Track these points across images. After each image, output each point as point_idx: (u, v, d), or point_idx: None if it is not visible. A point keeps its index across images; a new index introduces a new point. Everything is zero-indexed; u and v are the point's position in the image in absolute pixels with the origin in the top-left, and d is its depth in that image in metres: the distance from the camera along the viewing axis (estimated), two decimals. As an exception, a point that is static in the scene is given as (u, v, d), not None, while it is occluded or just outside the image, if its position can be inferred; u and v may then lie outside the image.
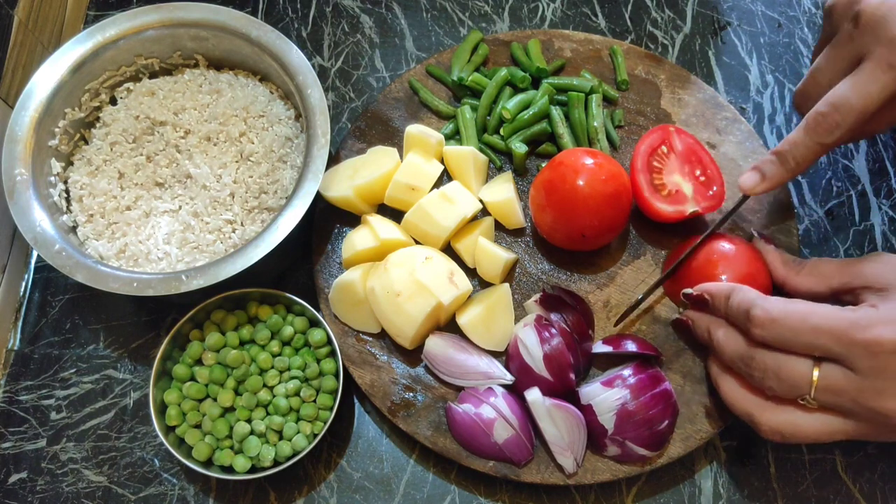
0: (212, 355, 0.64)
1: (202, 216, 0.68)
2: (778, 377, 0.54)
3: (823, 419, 0.54)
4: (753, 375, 0.56)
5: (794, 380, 0.53)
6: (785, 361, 0.54)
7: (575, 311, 0.65)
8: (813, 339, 0.52)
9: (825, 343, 0.52)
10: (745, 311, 0.55)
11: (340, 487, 0.65)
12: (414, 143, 0.71)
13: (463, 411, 0.62)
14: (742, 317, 0.56)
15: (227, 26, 0.71)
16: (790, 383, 0.54)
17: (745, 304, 0.56)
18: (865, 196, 0.76)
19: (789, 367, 0.53)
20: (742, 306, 0.56)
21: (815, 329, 0.52)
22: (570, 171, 0.64)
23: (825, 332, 0.52)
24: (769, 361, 0.54)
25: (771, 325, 0.54)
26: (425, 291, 0.62)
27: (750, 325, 0.55)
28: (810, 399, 0.53)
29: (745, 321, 0.56)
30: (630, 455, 0.61)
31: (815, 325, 0.52)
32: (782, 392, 0.54)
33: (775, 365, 0.54)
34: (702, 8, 0.86)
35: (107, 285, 0.61)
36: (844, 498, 0.64)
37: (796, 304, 0.54)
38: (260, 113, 0.72)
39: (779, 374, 0.54)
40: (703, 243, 0.66)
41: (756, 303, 0.55)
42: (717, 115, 0.76)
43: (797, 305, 0.54)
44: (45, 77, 0.68)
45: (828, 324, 0.52)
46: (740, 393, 0.58)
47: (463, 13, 0.86)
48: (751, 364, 0.55)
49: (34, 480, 0.66)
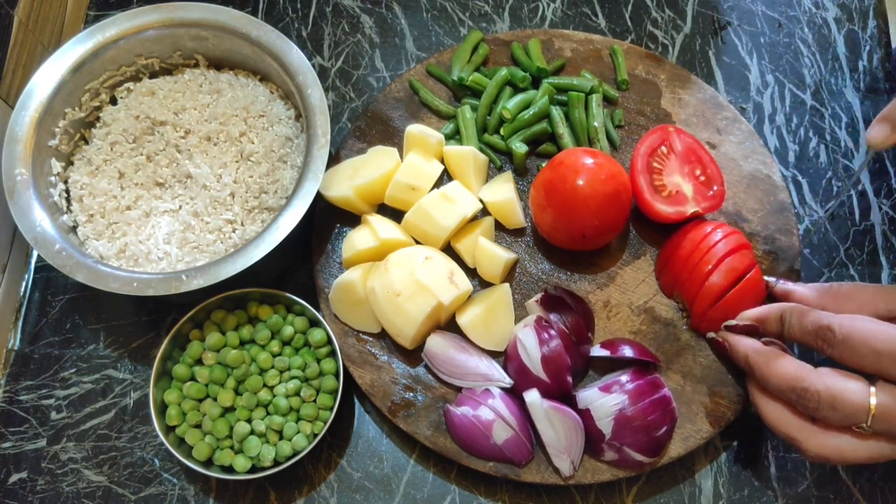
0: (212, 355, 0.64)
1: (202, 216, 0.68)
2: (834, 407, 0.53)
3: (871, 444, 0.53)
4: (807, 406, 0.54)
5: (851, 410, 0.52)
6: (841, 391, 0.52)
7: (575, 313, 0.65)
8: (878, 361, 0.52)
9: (887, 366, 0.51)
10: (815, 331, 0.55)
11: (340, 487, 0.65)
12: (414, 142, 0.71)
13: (461, 413, 0.62)
14: (811, 336, 0.55)
15: (227, 26, 0.71)
16: (847, 413, 0.52)
17: (812, 323, 0.55)
18: (865, 196, 0.76)
19: (846, 396, 0.52)
20: (809, 326, 0.55)
21: (880, 353, 0.51)
22: (571, 170, 0.64)
23: (889, 356, 0.51)
24: (823, 392, 0.53)
25: (842, 345, 0.53)
26: (425, 291, 0.62)
27: (824, 344, 0.54)
28: (866, 427, 0.52)
29: (815, 340, 0.55)
30: (627, 461, 0.61)
31: (882, 350, 0.51)
32: (837, 421, 0.53)
33: (830, 396, 0.52)
34: (702, 8, 0.86)
35: (107, 285, 0.61)
36: (844, 498, 0.64)
37: (863, 323, 0.53)
38: (260, 113, 0.72)
39: (834, 404, 0.52)
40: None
41: (824, 322, 0.54)
42: (718, 115, 0.76)
43: (864, 324, 0.53)
44: (45, 77, 0.68)
45: (892, 346, 0.51)
46: (785, 417, 0.56)
47: (463, 13, 0.86)
48: (804, 395, 0.54)
49: (34, 480, 0.66)
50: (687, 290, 0.65)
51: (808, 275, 0.73)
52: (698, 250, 0.65)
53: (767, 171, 0.73)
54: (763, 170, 0.73)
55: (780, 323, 0.58)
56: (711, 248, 0.64)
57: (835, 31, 0.85)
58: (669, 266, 0.67)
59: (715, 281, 0.63)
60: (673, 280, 0.67)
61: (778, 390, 0.56)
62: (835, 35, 0.85)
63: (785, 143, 0.79)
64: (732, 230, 0.66)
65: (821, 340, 0.54)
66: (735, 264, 0.63)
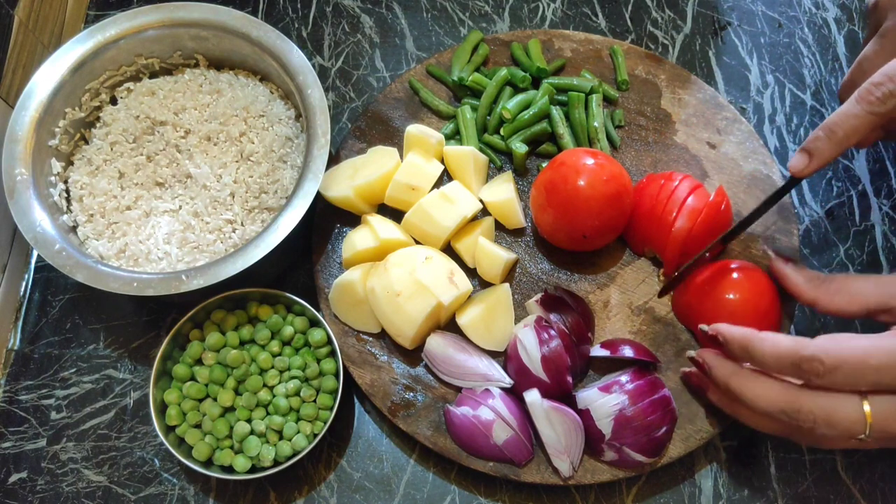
0: (212, 355, 0.64)
1: (202, 216, 0.68)
2: (830, 425, 0.51)
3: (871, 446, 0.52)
4: (802, 428, 0.52)
5: (847, 425, 0.51)
6: (834, 409, 0.51)
7: (575, 313, 0.65)
8: (878, 379, 0.50)
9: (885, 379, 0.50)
10: (797, 364, 0.51)
11: (340, 487, 0.65)
12: (414, 143, 0.71)
13: (461, 414, 0.62)
14: (791, 369, 0.52)
15: (227, 26, 0.71)
16: (844, 429, 0.51)
17: (789, 356, 0.52)
18: (865, 196, 0.76)
19: (841, 414, 0.51)
20: (787, 359, 0.52)
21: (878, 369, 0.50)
22: (572, 171, 0.64)
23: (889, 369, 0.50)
24: (818, 413, 0.51)
25: (834, 373, 0.50)
26: (425, 291, 0.62)
27: (811, 376, 0.51)
28: (865, 437, 0.51)
29: (799, 373, 0.52)
30: (627, 461, 0.61)
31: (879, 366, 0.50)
32: (835, 438, 0.52)
33: (825, 415, 0.51)
34: (702, 8, 0.86)
35: (107, 285, 0.61)
36: (844, 498, 0.64)
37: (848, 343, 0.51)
38: (260, 113, 0.72)
39: (830, 422, 0.51)
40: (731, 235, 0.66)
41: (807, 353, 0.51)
42: (718, 115, 0.76)
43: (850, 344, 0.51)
44: (45, 77, 0.68)
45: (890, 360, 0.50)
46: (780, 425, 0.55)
47: (463, 13, 0.86)
48: (798, 418, 0.52)
49: (34, 480, 0.66)
50: (656, 241, 0.67)
51: (808, 275, 0.73)
52: (659, 202, 0.67)
53: (767, 171, 0.73)
54: (763, 170, 0.73)
55: (746, 352, 0.54)
56: (671, 195, 0.66)
57: (835, 32, 0.85)
58: (635, 224, 0.68)
59: (680, 225, 0.65)
60: (642, 236, 0.68)
61: (767, 413, 0.54)
62: (835, 35, 0.85)
63: (785, 143, 0.79)
64: (685, 175, 0.68)
65: (807, 373, 0.51)
66: (695, 205, 0.66)
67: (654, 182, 0.69)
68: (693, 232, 0.65)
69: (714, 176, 0.73)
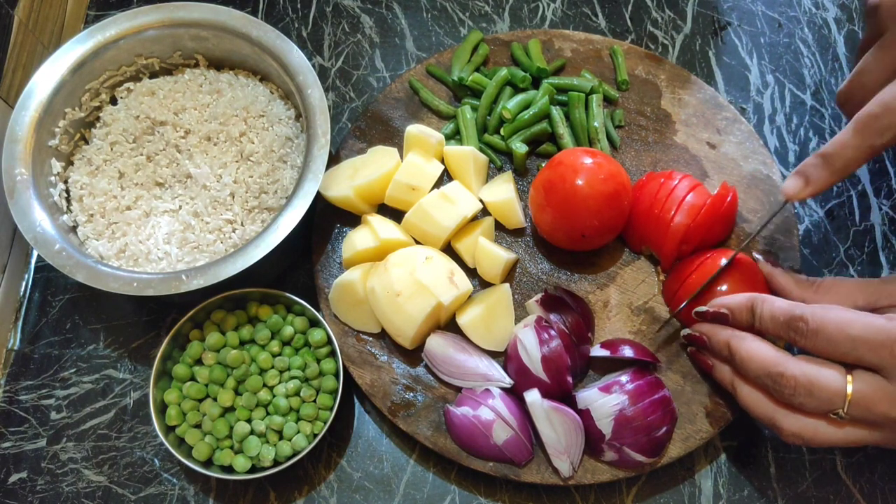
0: (212, 355, 0.64)
1: (202, 216, 0.68)
2: (810, 393, 0.52)
3: (847, 427, 0.53)
4: (783, 392, 0.54)
5: (827, 396, 0.52)
6: (817, 378, 0.52)
7: (575, 313, 0.65)
8: (853, 349, 0.51)
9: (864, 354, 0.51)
10: (786, 322, 0.54)
11: (340, 487, 0.65)
12: (414, 143, 0.71)
13: (461, 414, 0.62)
14: (782, 327, 0.55)
15: (227, 26, 0.71)
16: (823, 399, 0.52)
17: (782, 314, 0.54)
18: (865, 196, 0.76)
19: (822, 383, 0.52)
20: (780, 318, 0.55)
21: (854, 339, 0.51)
22: (570, 170, 0.64)
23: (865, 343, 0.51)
24: (800, 378, 0.53)
25: (815, 336, 0.52)
26: (425, 291, 0.62)
27: (795, 335, 0.53)
28: (843, 413, 0.52)
29: (787, 331, 0.54)
30: (627, 461, 0.61)
31: (855, 337, 0.51)
32: (813, 408, 0.53)
33: (807, 381, 0.52)
34: (702, 8, 0.86)
35: (107, 285, 0.61)
36: (844, 498, 0.64)
37: (836, 312, 0.53)
38: (260, 113, 0.72)
39: (811, 390, 0.52)
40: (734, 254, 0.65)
41: (796, 312, 0.53)
42: (718, 115, 0.76)
43: (838, 313, 0.52)
44: (45, 77, 0.68)
45: (868, 333, 0.51)
46: (759, 397, 0.56)
47: (463, 13, 0.86)
48: (780, 381, 0.53)
49: (34, 480, 0.66)
50: (654, 239, 0.67)
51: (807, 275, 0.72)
52: (658, 199, 0.67)
53: (767, 171, 0.73)
54: (763, 170, 0.73)
55: (751, 313, 0.57)
56: (670, 193, 0.66)
57: (835, 32, 0.85)
58: (634, 221, 0.68)
59: (679, 221, 0.65)
60: (640, 234, 0.68)
61: (755, 376, 0.56)
62: (835, 35, 0.85)
63: (785, 143, 0.79)
64: (685, 174, 0.68)
65: (793, 332, 0.54)
66: (694, 202, 0.66)
67: (653, 180, 0.69)
68: (692, 227, 0.65)
69: (714, 176, 0.73)
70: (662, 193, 0.67)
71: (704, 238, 0.67)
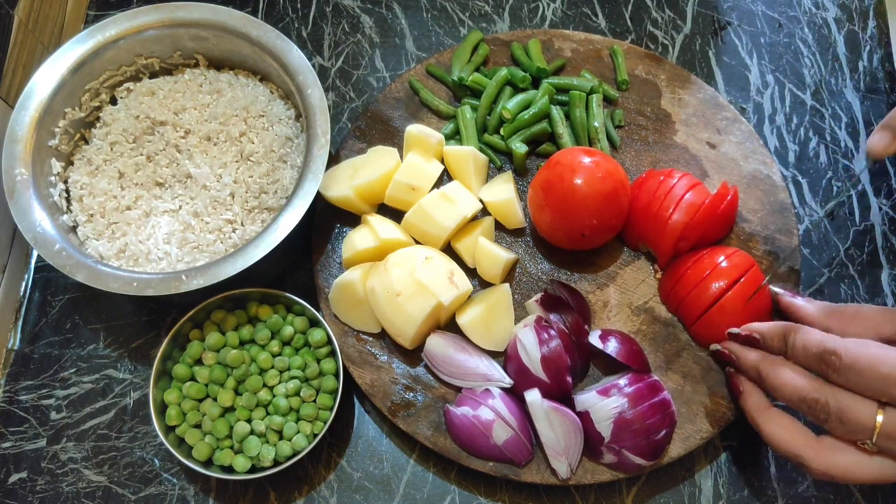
0: (212, 355, 0.64)
1: (202, 216, 0.68)
2: (840, 420, 0.53)
3: (877, 463, 0.53)
4: (817, 417, 0.54)
5: (856, 424, 0.52)
6: (848, 406, 0.52)
7: (574, 312, 0.65)
8: (885, 387, 0.51)
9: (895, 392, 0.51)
10: (819, 355, 0.54)
11: (340, 487, 0.65)
12: (414, 142, 0.71)
13: (461, 414, 0.62)
14: (814, 360, 0.54)
15: (227, 26, 0.71)
16: (852, 427, 0.52)
17: (815, 346, 0.54)
18: (865, 196, 0.76)
19: (853, 411, 0.52)
20: (813, 349, 0.54)
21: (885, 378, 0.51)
22: (568, 170, 0.64)
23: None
24: (833, 405, 0.53)
25: (847, 371, 0.52)
26: (425, 291, 0.62)
27: (828, 369, 0.53)
28: (871, 444, 0.52)
29: (819, 364, 0.54)
30: (626, 464, 0.61)
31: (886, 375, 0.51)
32: (842, 434, 0.53)
33: (838, 409, 0.53)
34: (702, 8, 0.86)
35: (107, 285, 0.61)
36: (844, 498, 0.64)
37: (870, 349, 0.52)
38: (260, 113, 0.72)
39: (841, 417, 0.53)
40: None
41: (829, 346, 0.53)
42: (718, 115, 0.76)
43: (872, 350, 0.52)
44: (45, 77, 0.68)
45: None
46: (788, 434, 0.56)
47: (463, 13, 0.86)
48: (815, 407, 0.54)
49: (34, 480, 0.66)
50: (652, 236, 0.67)
51: (807, 275, 0.73)
52: (657, 197, 0.67)
53: (767, 171, 0.73)
54: (763, 170, 0.73)
55: (783, 342, 0.57)
56: (669, 191, 0.67)
57: (835, 31, 0.85)
58: (631, 219, 0.68)
59: (677, 218, 0.65)
60: (637, 232, 0.68)
61: (788, 400, 0.56)
62: (835, 35, 0.85)
63: (785, 143, 0.79)
64: (684, 173, 0.69)
65: (825, 365, 0.53)
66: (693, 200, 0.66)
67: (653, 177, 0.69)
68: (690, 225, 0.65)
69: (714, 176, 0.73)
70: (661, 191, 0.67)
71: (702, 236, 0.67)
